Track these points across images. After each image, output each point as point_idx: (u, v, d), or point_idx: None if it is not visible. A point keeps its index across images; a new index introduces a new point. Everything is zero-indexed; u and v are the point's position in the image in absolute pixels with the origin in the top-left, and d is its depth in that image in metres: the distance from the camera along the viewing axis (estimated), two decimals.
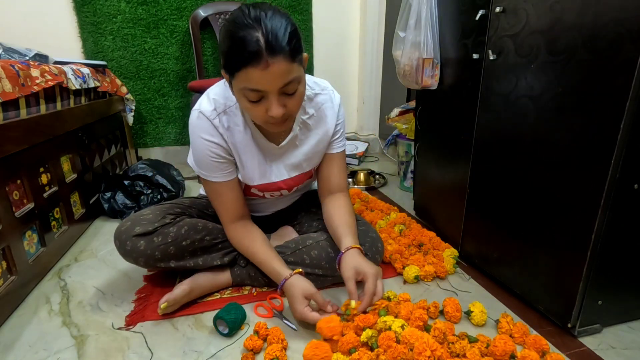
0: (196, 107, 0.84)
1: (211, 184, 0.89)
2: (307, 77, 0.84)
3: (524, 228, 0.90)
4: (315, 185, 1.13)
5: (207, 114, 0.82)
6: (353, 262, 0.83)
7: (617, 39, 0.65)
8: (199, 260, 0.92)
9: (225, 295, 0.96)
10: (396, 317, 0.82)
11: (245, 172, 0.91)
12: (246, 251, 0.92)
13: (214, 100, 0.84)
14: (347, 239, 0.88)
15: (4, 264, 0.89)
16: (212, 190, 0.91)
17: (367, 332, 0.75)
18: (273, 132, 0.89)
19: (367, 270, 0.81)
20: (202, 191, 1.12)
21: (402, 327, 0.76)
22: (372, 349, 0.74)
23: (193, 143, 0.86)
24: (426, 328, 0.80)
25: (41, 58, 1.57)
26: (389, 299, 0.92)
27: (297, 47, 0.70)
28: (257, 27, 0.65)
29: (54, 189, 1.14)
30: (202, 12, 1.99)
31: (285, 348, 0.78)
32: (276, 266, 0.86)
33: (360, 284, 0.84)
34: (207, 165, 0.86)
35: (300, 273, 0.85)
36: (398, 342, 0.74)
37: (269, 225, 1.10)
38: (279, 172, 0.95)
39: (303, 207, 1.12)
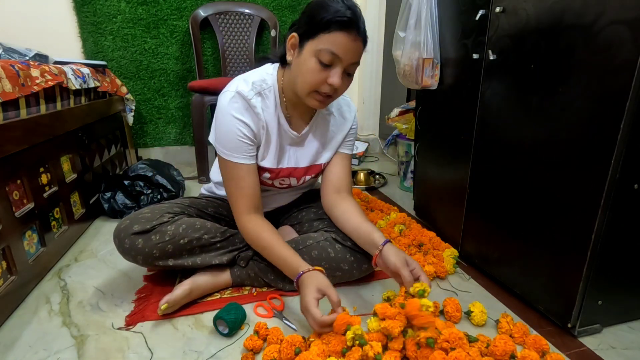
0: (230, 88, 0.87)
1: (232, 165, 0.88)
2: None
3: (524, 228, 0.90)
4: (316, 185, 1.13)
5: (244, 94, 0.85)
6: (401, 254, 0.83)
7: (617, 39, 0.65)
8: (197, 259, 0.92)
9: (225, 295, 0.96)
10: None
11: (262, 153, 0.92)
12: (263, 244, 0.89)
13: (252, 83, 0.87)
14: (377, 234, 0.87)
15: (4, 264, 0.89)
16: (231, 174, 0.89)
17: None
18: (295, 121, 0.94)
19: (415, 263, 0.81)
20: (203, 190, 1.12)
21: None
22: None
23: (222, 121, 0.86)
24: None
25: (41, 58, 1.57)
26: (388, 299, 0.92)
27: (367, 43, 0.82)
28: (353, 9, 0.77)
29: (54, 189, 1.14)
30: (202, 12, 1.99)
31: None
32: (296, 260, 0.85)
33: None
34: (232, 144, 0.86)
35: (321, 271, 0.83)
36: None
37: None
38: (293, 159, 0.97)
39: (303, 206, 1.12)
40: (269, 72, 0.91)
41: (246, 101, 0.86)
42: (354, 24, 0.76)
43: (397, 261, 0.81)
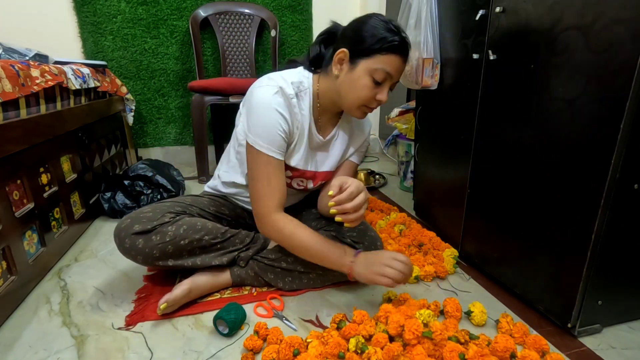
0: (271, 83, 0.86)
1: (266, 159, 0.85)
2: None
3: (524, 228, 0.90)
4: None
5: (286, 91, 0.86)
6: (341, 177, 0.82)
7: (617, 39, 0.65)
8: (197, 260, 0.92)
9: (225, 295, 0.96)
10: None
11: (292, 151, 0.93)
12: (300, 240, 0.85)
13: (292, 84, 0.89)
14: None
15: (4, 264, 0.89)
16: (264, 169, 0.86)
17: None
18: (322, 126, 0.97)
19: (351, 180, 0.79)
20: (206, 188, 1.11)
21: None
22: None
23: (263, 113, 0.85)
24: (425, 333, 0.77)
25: (41, 58, 1.57)
26: (389, 300, 0.92)
27: None
28: (402, 34, 0.84)
29: (54, 189, 1.14)
30: (202, 12, 1.99)
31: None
32: (341, 245, 0.88)
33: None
34: (272, 138, 0.85)
35: None
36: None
37: None
38: (315, 163, 0.99)
39: (304, 207, 1.12)
40: (305, 75, 0.92)
41: (287, 98, 0.87)
42: (404, 48, 0.83)
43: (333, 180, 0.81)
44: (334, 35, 0.91)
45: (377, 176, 1.95)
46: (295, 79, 0.90)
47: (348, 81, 0.85)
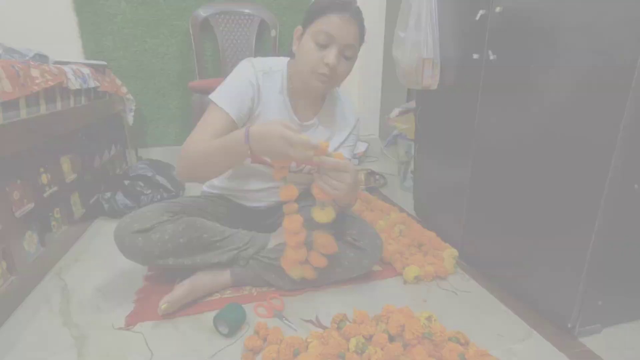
0: (246, 60, 0.94)
1: (215, 110, 0.87)
2: None
3: (524, 228, 0.90)
4: None
5: (256, 66, 0.93)
6: None
7: (617, 39, 0.65)
8: (197, 259, 0.92)
9: (225, 295, 0.96)
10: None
11: (255, 121, 0.93)
12: (198, 149, 0.82)
13: (264, 62, 0.95)
14: None
15: (4, 264, 0.89)
16: (208, 117, 0.87)
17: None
18: (301, 110, 0.97)
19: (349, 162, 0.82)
20: (205, 188, 1.12)
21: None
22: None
23: (230, 78, 0.92)
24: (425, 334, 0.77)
25: (41, 58, 1.57)
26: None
27: (364, 32, 0.89)
28: None
29: (54, 189, 1.14)
30: (202, 12, 1.99)
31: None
32: (235, 132, 0.79)
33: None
34: (232, 94, 0.89)
35: None
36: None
37: (270, 223, 1.09)
38: None
39: (303, 204, 1.11)
40: (281, 60, 0.98)
41: (256, 71, 0.92)
42: (346, 6, 0.83)
43: None
44: None
45: (377, 176, 1.95)
46: (268, 62, 0.95)
47: (299, 51, 0.89)
